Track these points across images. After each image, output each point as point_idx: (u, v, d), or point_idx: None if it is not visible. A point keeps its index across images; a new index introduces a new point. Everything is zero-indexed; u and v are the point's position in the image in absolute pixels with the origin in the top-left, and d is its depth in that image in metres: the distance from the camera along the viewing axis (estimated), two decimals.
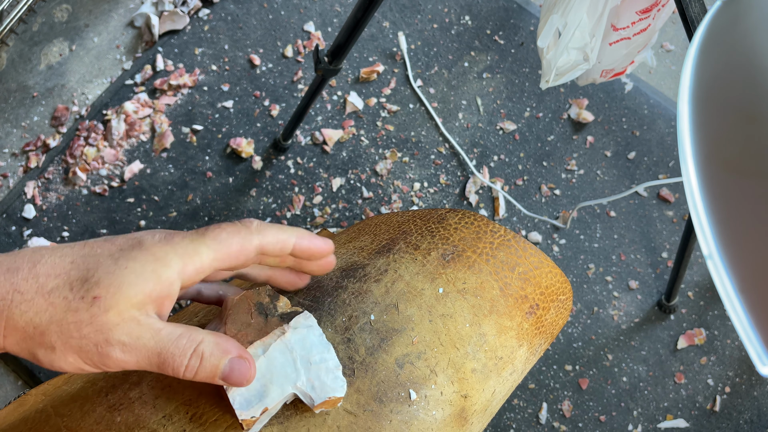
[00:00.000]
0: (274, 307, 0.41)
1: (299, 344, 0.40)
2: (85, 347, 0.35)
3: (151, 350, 0.36)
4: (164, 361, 0.36)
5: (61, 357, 0.35)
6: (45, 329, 0.34)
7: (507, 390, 0.51)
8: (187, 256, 0.37)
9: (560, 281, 0.54)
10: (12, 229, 1.08)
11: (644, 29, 0.77)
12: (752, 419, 1.03)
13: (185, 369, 0.37)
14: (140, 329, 0.36)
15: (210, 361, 0.37)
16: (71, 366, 0.35)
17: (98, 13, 1.21)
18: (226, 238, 0.39)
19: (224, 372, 0.37)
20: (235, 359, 0.38)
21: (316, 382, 0.40)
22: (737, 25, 0.36)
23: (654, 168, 1.15)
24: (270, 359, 0.40)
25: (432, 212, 0.55)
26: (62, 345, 0.34)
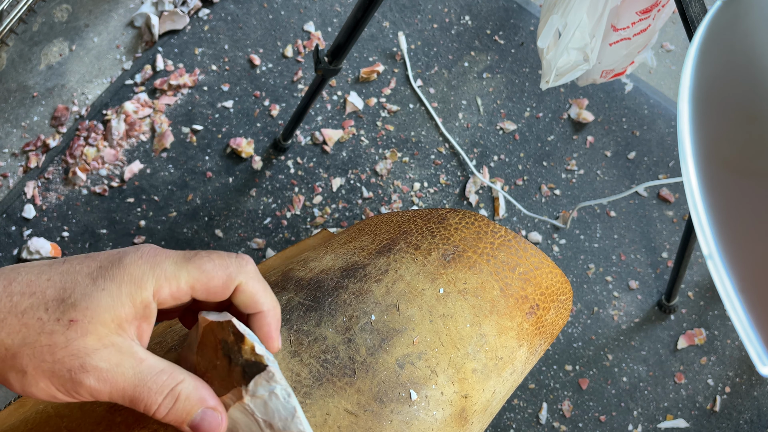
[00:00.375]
0: (238, 350, 0.38)
1: (260, 410, 0.37)
2: (58, 372, 0.33)
3: (127, 381, 0.34)
4: (138, 395, 0.35)
5: (32, 382, 0.33)
6: (17, 351, 0.33)
7: (507, 390, 0.51)
8: (164, 279, 0.36)
9: (560, 282, 0.53)
10: (12, 229, 1.08)
11: (644, 29, 0.77)
12: (752, 419, 1.03)
13: (158, 407, 0.35)
14: (120, 356, 0.34)
15: (184, 405, 0.36)
16: (42, 392, 0.34)
17: (98, 13, 1.21)
18: (211, 270, 0.37)
19: (195, 420, 0.36)
20: (208, 410, 0.36)
21: None
22: (737, 25, 0.36)
23: (654, 168, 1.15)
24: (233, 419, 0.38)
25: (432, 212, 0.55)
26: (34, 369, 0.33)
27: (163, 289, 0.36)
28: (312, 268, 0.50)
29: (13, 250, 1.07)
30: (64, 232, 1.08)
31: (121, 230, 1.08)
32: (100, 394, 0.34)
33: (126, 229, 1.08)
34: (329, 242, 0.56)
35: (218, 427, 0.37)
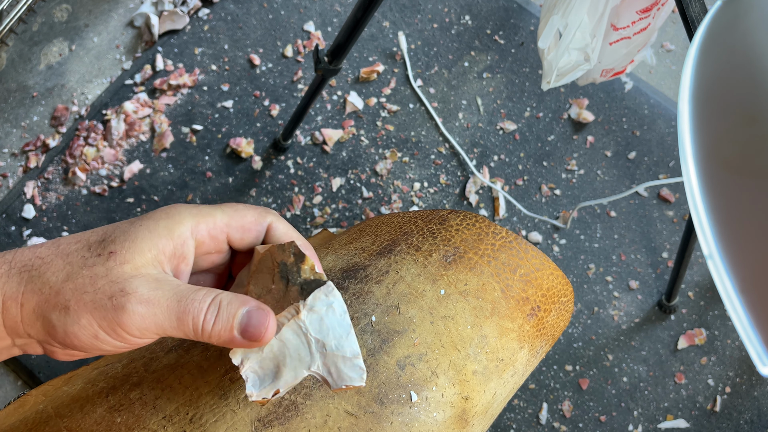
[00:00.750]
0: (297, 270, 0.38)
1: (314, 327, 0.37)
2: (99, 302, 0.33)
3: (170, 299, 0.34)
4: (184, 309, 0.34)
5: (75, 319, 0.33)
6: (60, 288, 0.34)
7: (508, 392, 0.50)
8: (201, 216, 0.37)
9: (562, 283, 0.53)
10: (11, 229, 1.08)
11: (644, 28, 0.77)
12: (752, 419, 1.03)
13: (204, 320, 0.35)
14: (158, 282, 0.35)
15: (227, 310, 0.35)
16: (85, 332, 0.33)
17: (98, 13, 1.21)
18: (243, 209, 0.39)
19: (241, 323, 0.36)
20: (253, 310, 0.36)
21: (332, 369, 0.37)
22: (737, 25, 0.36)
23: (654, 168, 1.15)
24: (283, 340, 0.37)
25: (433, 213, 0.55)
26: (75, 303, 0.33)
27: (200, 225, 0.37)
28: None
29: None
30: (63, 232, 1.08)
31: None
32: (144, 319, 0.34)
33: None
34: (330, 243, 0.56)
35: (266, 321, 0.36)
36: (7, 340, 0.35)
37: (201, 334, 0.35)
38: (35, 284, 0.34)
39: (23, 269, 0.34)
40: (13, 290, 0.34)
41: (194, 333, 0.35)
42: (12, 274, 0.34)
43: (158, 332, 0.35)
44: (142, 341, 0.35)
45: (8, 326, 0.34)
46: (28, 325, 0.34)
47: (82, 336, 0.34)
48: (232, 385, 0.42)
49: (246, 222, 0.39)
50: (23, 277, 0.34)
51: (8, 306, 0.34)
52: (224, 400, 0.42)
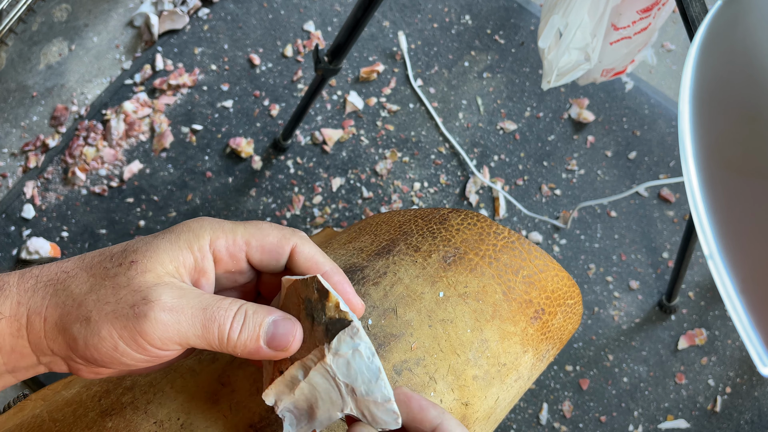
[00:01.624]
0: (322, 307, 0.36)
1: (342, 371, 0.35)
2: (121, 312, 0.33)
3: (195, 307, 0.34)
4: (211, 316, 0.34)
5: (95, 330, 0.33)
6: (83, 299, 0.33)
7: (512, 397, 0.49)
8: (221, 231, 0.37)
9: (567, 285, 0.52)
10: (11, 229, 1.08)
11: (645, 28, 0.77)
12: (753, 420, 1.03)
13: (230, 329, 0.34)
14: (182, 291, 0.34)
15: (253, 319, 0.35)
16: (105, 343, 0.33)
17: (98, 13, 1.21)
18: (267, 228, 0.38)
19: (268, 333, 0.35)
20: (279, 320, 0.35)
21: (365, 412, 0.36)
22: (738, 25, 0.36)
23: (655, 168, 1.14)
24: (312, 384, 0.36)
25: (434, 212, 0.54)
26: (97, 313, 0.33)
27: (219, 240, 0.36)
28: None
29: (12, 250, 1.07)
30: (63, 232, 1.08)
31: (120, 230, 1.08)
32: (166, 328, 0.33)
33: (125, 229, 1.08)
34: (330, 242, 0.56)
35: (293, 331, 0.35)
36: (32, 357, 0.34)
37: (226, 344, 0.35)
38: (59, 298, 0.34)
39: (49, 283, 0.34)
40: (38, 305, 0.33)
41: (219, 342, 0.34)
42: (38, 289, 0.34)
43: (181, 342, 0.34)
44: (164, 353, 0.34)
45: (32, 342, 0.34)
46: (51, 339, 0.33)
47: (102, 348, 0.33)
48: (224, 389, 0.42)
49: (267, 242, 0.37)
50: (48, 291, 0.34)
51: (32, 321, 0.33)
52: (216, 406, 0.41)
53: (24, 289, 0.34)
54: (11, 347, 0.33)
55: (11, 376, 0.35)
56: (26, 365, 0.34)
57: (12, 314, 0.33)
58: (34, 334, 0.33)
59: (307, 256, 0.38)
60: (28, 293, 0.34)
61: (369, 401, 0.35)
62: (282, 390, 0.37)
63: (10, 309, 0.33)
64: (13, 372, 0.34)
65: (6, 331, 0.33)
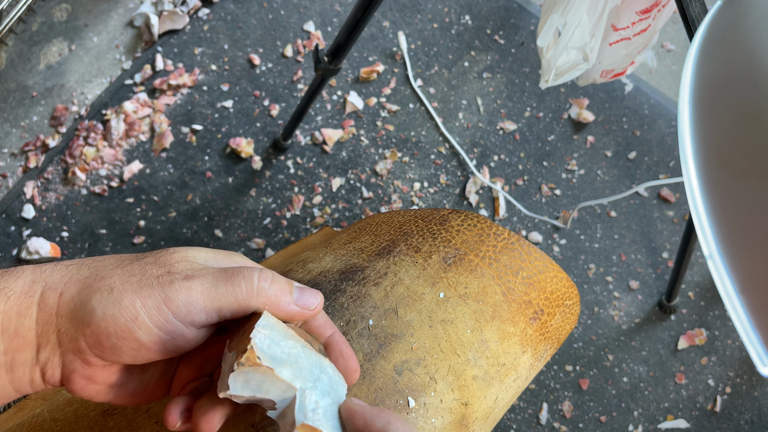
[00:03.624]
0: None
1: (329, 378, 0.36)
2: (146, 281, 0.33)
3: (216, 271, 0.35)
4: (234, 272, 0.35)
5: (117, 299, 0.33)
6: (107, 273, 0.34)
7: (511, 396, 0.49)
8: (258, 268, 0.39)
9: (566, 286, 0.52)
10: (11, 229, 1.08)
11: (644, 29, 0.77)
12: (753, 420, 1.03)
13: (259, 278, 0.36)
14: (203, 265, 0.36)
15: (281, 280, 0.37)
16: (125, 312, 0.32)
17: (98, 13, 1.21)
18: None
19: (296, 293, 0.37)
20: (303, 287, 0.38)
21: (320, 410, 0.35)
22: (737, 25, 0.36)
23: (654, 168, 1.14)
24: (304, 355, 0.36)
25: (434, 213, 0.54)
26: (121, 284, 0.33)
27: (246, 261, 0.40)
28: (310, 270, 0.50)
29: (13, 250, 1.07)
30: (63, 232, 1.08)
31: (120, 230, 1.08)
32: (190, 291, 0.34)
33: (125, 229, 1.08)
34: (329, 242, 0.56)
35: (318, 296, 0.38)
36: (32, 348, 0.33)
37: (256, 292, 0.35)
38: (82, 274, 0.34)
39: (71, 264, 0.35)
40: (56, 281, 0.34)
41: (247, 291, 0.35)
42: (57, 269, 0.34)
43: (205, 304, 0.34)
44: (185, 328, 0.34)
45: (40, 322, 0.33)
46: (63, 315, 0.33)
47: (120, 318, 0.32)
48: None
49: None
50: (70, 270, 0.34)
51: (46, 296, 0.33)
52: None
53: (41, 270, 0.34)
54: (15, 329, 0.33)
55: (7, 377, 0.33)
56: (24, 359, 0.33)
57: (23, 291, 0.33)
58: (45, 311, 0.33)
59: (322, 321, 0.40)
60: (46, 273, 0.34)
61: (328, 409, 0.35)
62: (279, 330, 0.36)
63: (22, 286, 0.33)
64: (11, 368, 0.33)
65: (13, 310, 0.33)
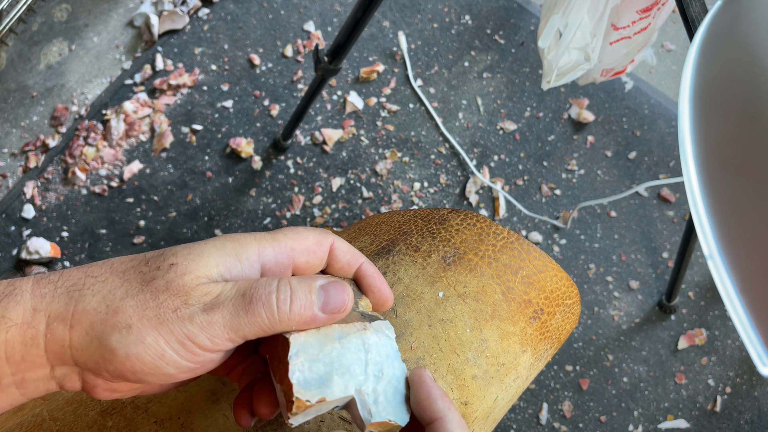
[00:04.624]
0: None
1: (376, 349, 0.35)
2: (164, 316, 0.31)
3: (234, 297, 0.32)
4: (251, 299, 0.32)
5: (139, 338, 0.30)
6: (119, 306, 0.31)
7: (511, 396, 0.49)
8: (265, 240, 0.36)
9: (566, 285, 0.52)
10: (11, 229, 1.08)
11: (644, 28, 0.77)
12: (753, 419, 1.03)
13: (278, 303, 0.33)
14: (218, 287, 0.33)
15: (301, 288, 0.33)
16: (150, 351, 0.31)
17: (98, 13, 1.21)
18: (303, 232, 0.37)
19: (320, 298, 0.34)
20: (327, 284, 0.34)
21: (381, 398, 0.35)
22: (738, 25, 0.36)
23: (654, 168, 1.14)
24: (344, 348, 0.35)
25: (434, 212, 0.54)
26: (139, 320, 0.31)
27: (266, 249, 0.35)
28: None
29: (13, 250, 1.07)
30: (63, 232, 1.08)
31: (120, 230, 1.08)
32: (212, 325, 0.31)
33: (125, 229, 1.08)
34: None
35: (345, 290, 0.35)
36: (45, 367, 0.31)
37: (278, 319, 0.33)
38: (88, 303, 0.31)
39: (72, 288, 0.32)
40: (60, 311, 0.31)
41: (269, 320, 0.33)
42: (58, 294, 0.31)
43: (230, 335, 0.32)
44: (213, 355, 0.33)
45: (51, 351, 0.31)
46: (79, 349, 0.31)
47: (146, 357, 0.31)
48: (225, 389, 0.42)
49: (309, 244, 0.37)
50: (72, 296, 0.31)
51: (54, 328, 0.31)
52: (216, 405, 0.41)
53: (40, 294, 0.31)
54: (22, 356, 0.31)
55: (18, 391, 0.32)
56: (37, 377, 0.32)
57: (25, 321, 0.31)
58: (56, 343, 0.31)
59: (345, 251, 0.38)
60: (46, 299, 0.31)
61: (391, 384, 0.35)
62: (311, 342, 0.35)
63: (23, 315, 0.31)
64: (22, 384, 0.32)
65: (17, 340, 0.30)
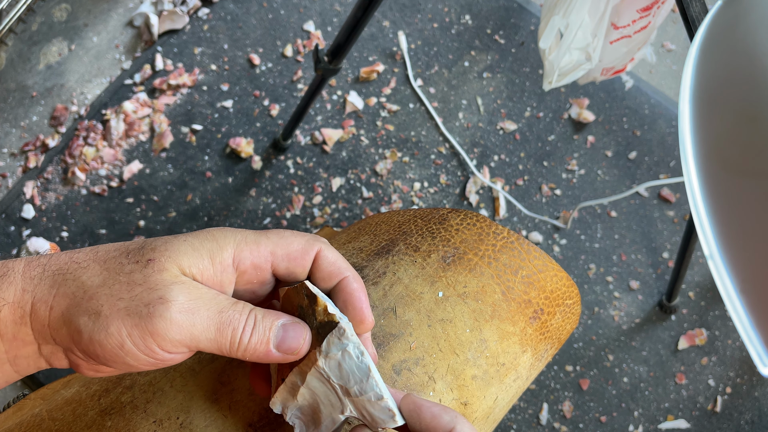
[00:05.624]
0: (312, 313, 0.36)
1: (335, 373, 0.36)
2: (134, 309, 0.32)
3: (211, 309, 0.33)
4: (226, 320, 0.33)
5: (103, 325, 0.32)
6: (94, 292, 0.32)
7: (511, 397, 0.49)
8: (245, 243, 0.36)
9: (566, 285, 0.52)
10: (11, 229, 1.08)
11: (644, 27, 0.77)
12: (753, 420, 1.02)
13: (242, 333, 0.34)
14: (198, 291, 0.33)
15: (263, 324, 0.34)
16: (111, 340, 0.32)
17: (97, 13, 1.21)
18: (289, 236, 0.37)
19: (277, 336, 0.35)
20: (288, 323, 0.35)
21: (364, 412, 0.36)
22: (738, 25, 0.36)
23: (655, 168, 1.14)
24: (310, 389, 0.36)
25: (433, 212, 0.54)
26: (108, 308, 0.32)
27: (243, 252, 0.36)
28: None
29: (12, 250, 1.07)
30: (63, 232, 1.08)
31: (120, 230, 1.08)
32: (180, 329, 0.32)
33: (125, 229, 1.08)
34: (329, 242, 0.56)
35: (303, 334, 0.35)
36: (34, 345, 0.33)
37: (237, 348, 0.34)
38: (68, 288, 0.33)
39: (57, 272, 0.33)
40: (44, 293, 0.33)
41: (230, 346, 0.34)
42: (45, 277, 0.33)
43: (191, 345, 0.33)
44: (169, 356, 0.33)
45: (36, 330, 0.33)
46: (55, 329, 0.33)
47: (107, 345, 0.32)
48: (224, 388, 0.42)
49: (292, 250, 0.37)
50: (56, 280, 0.33)
51: (37, 309, 0.33)
52: (215, 405, 0.41)
53: (30, 276, 0.33)
54: (13, 334, 0.33)
55: (12, 368, 0.34)
56: (27, 354, 0.34)
57: (16, 301, 0.33)
58: (38, 323, 0.33)
59: (330, 261, 0.38)
60: (34, 281, 0.33)
61: (364, 401, 0.35)
62: (286, 397, 0.37)
63: (14, 295, 0.33)
64: (15, 362, 0.34)
65: (9, 318, 0.32)
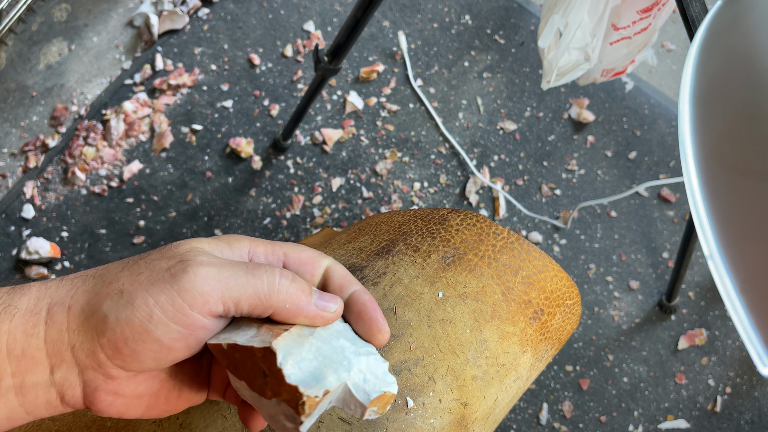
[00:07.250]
0: None
1: (346, 332, 0.36)
2: (156, 276, 0.31)
3: (235, 263, 0.33)
4: (254, 269, 0.33)
5: (128, 300, 0.31)
6: (115, 277, 0.32)
7: (511, 397, 0.49)
8: (261, 242, 0.37)
9: (566, 285, 0.52)
10: (11, 229, 1.08)
11: (645, 28, 0.77)
12: (753, 420, 1.02)
13: (280, 275, 0.34)
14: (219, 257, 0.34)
15: (300, 281, 0.35)
16: (139, 313, 0.31)
17: (97, 13, 1.21)
18: (300, 246, 0.39)
19: (316, 295, 0.35)
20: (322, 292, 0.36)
21: (368, 375, 0.35)
22: (738, 25, 0.36)
23: (655, 168, 1.14)
24: (320, 341, 0.35)
25: (433, 212, 0.54)
26: (131, 284, 0.31)
27: (258, 247, 0.37)
28: None
29: (12, 250, 1.07)
30: (63, 232, 1.08)
31: (120, 230, 1.08)
32: (206, 280, 0.32)
33: (125, 229, 1.08)
34: (329, 242, 0.56)
35: (337, 301, 0.36)
36: (45, 367, 0.31)
37: (277, 289, 0.33)
38: (87, 285, 0.32)
39: (76, 277, 0.33)
40: (62, 296, 0.32)
41: (269, 287, 0.33)
42: (63, 284, 0.33)
43: (224, 295, 0.32)
44: (202, 320, 0.32)
45: (50, 340, 0.31)
46: (75, 329, 0.31)
47: (135, 320, 0.31)
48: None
49: (304, 257, 0.38)
50: (75, 282, 0.33)
51: (54, 312, 0.31)
52: (215, 405, 0.41)
53: (46, 286, 0.32)
54: (22, 349, 0.31)
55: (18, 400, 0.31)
56: (37, 380, 0.31)
57: (29, 309, 0.31)
58: (54, 328, 0.31)
59: (341, 275, 0.39)
60: (51, 289, 0.32)
61: (371, 360, 0.36)
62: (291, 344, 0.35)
63: (27, 303, 0.32)
64: (22, 390, 0.31)
65: (18, 329, 0.31)
